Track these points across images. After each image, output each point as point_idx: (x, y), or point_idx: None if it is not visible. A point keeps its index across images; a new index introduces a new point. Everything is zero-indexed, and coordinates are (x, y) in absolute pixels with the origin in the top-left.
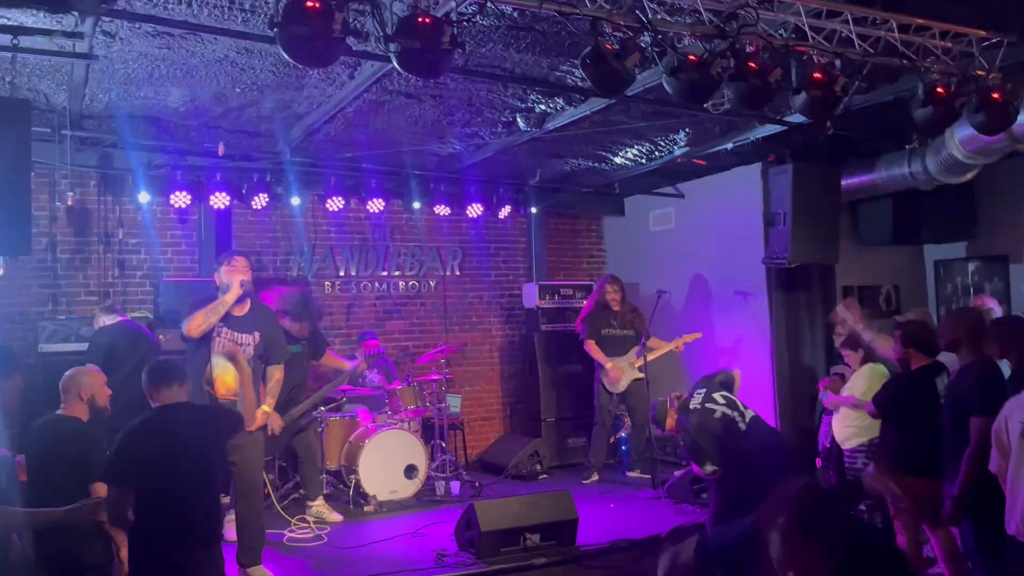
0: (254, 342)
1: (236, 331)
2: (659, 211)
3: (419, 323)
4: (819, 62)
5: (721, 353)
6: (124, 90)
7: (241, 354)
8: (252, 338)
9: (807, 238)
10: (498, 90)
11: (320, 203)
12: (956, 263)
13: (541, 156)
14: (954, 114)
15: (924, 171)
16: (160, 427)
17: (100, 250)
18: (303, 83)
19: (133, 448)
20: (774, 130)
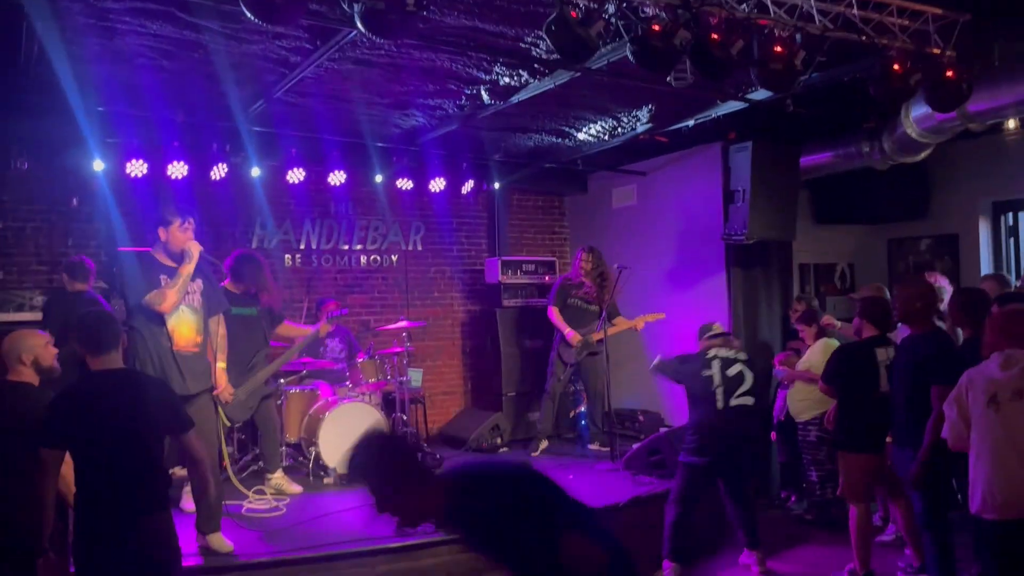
0: (199, 290)
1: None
2: (621, 188)
3: (380, 297)
4: (780, 36)
5: (680, 328)
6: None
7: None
8: (197, 285)
9: (765, 215)
10: (462, 61)
11: (280, 174)
12: (909, 241)
13: (505, 131)
14: (909, 91)
15: (879, 150)
16: (93, 392)
17: (52, 219)
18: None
19: (64, 412)
20: (735, 107)
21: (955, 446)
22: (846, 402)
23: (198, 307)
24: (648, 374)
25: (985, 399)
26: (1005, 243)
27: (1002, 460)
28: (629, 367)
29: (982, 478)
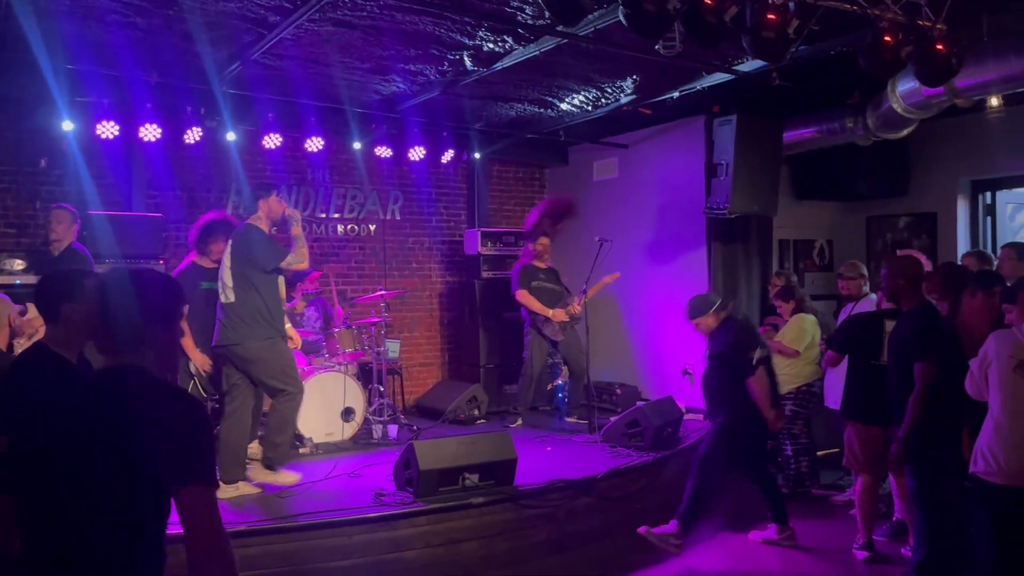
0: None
1: None
2: (602, 161)
3: (357, 267)
4: (773, 3)
5: (659, 301)
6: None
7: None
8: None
9: (748, 189)
10: (445, 25)
11: (256, 139)
12: (887, 219)
13: (486, 100)
14: (899, 63)
15: (863, 126)
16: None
17: (20, 180)
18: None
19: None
20: (720, 79)
21: (975, 396)
22: (850, 371)
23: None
24: (624, 346)
25: (1012, 364)
26: (982, 222)
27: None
28: (606, 340)
29: (997, 441)
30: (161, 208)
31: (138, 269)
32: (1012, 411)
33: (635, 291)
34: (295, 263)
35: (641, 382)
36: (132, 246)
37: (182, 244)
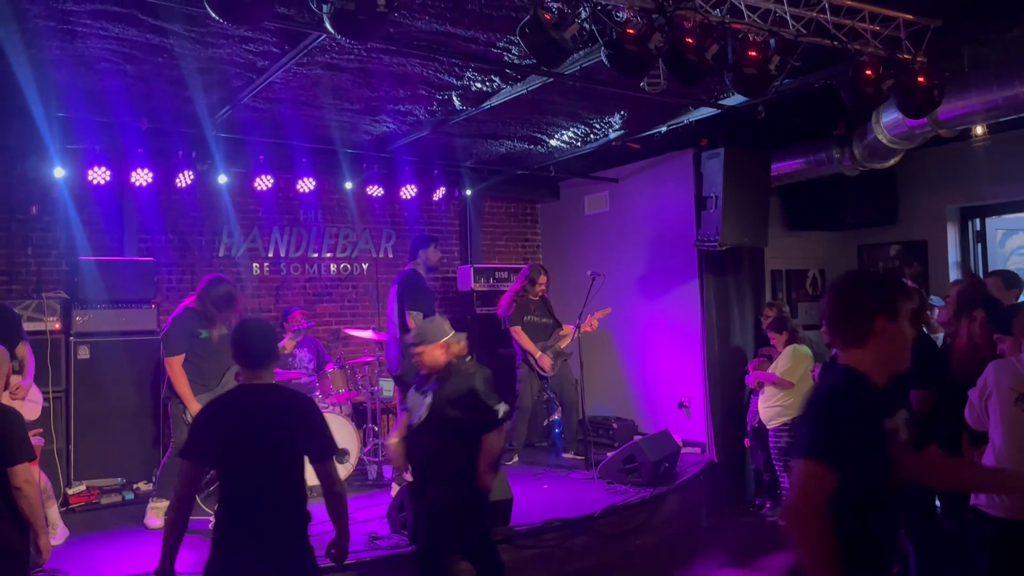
0: None
1: None
2: (593, 195)
3: (350, 306)
4: (754, 40)
5: (653, 335)
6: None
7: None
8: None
9: (738, 221)
10: (433, 66)
11: (248, 181)
12: (878, 247)
13: (476, 138)
14: (881, 96)
15: (850, 156)
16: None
17: (11, 227)
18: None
19: (204, 424)
20: (707, 114)
21: (976, 426)
22: None
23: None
24: (620, 380)
25: (1013, 397)
26: (973, 248)
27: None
28: (601, 373)
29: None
30: (153, 252)
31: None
32: (1013, 444)
33: (629, 324)
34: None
35: (637, 416)
36: (124, 291)
37: (174, 288)
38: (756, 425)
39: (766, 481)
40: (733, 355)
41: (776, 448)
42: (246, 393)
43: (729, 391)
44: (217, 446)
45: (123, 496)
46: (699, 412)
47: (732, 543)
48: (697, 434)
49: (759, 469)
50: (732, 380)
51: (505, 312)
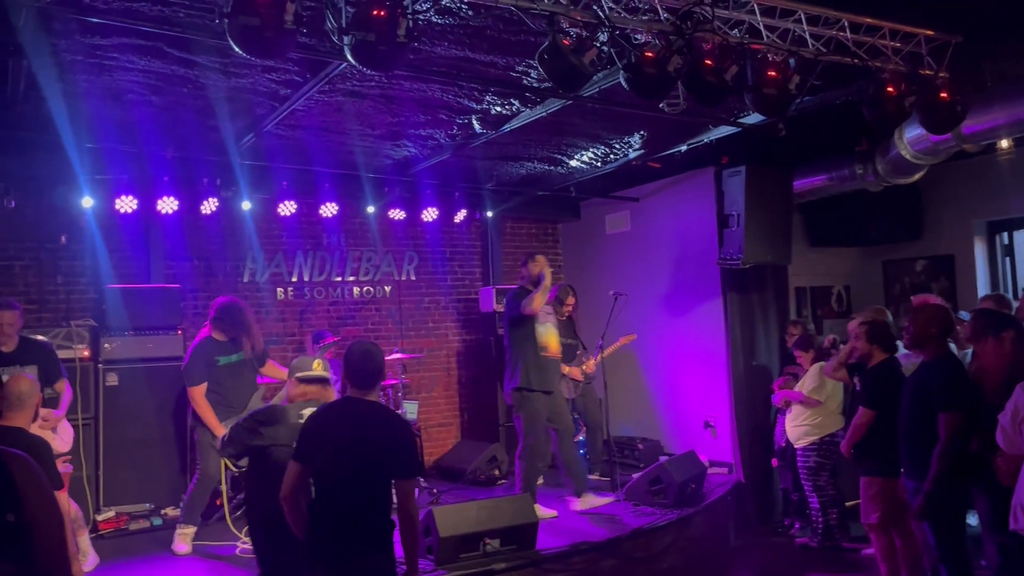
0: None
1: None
2: (614, 214)
3: (374, 329)
4: (774, 60)
5: (677, 354)
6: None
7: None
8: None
9: (760, 239)
10: (453, 91)
11: (272, 207)
12: (904, 263)
13: (496, 160)
14: (904, 113)
15: (873, 172)
16: (338, 416)
17: (41, 256)
18: (254, 84)
19: (313, 430)
20: (727, 132)
21: (1009, 450)
22: (884, 425)
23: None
24: (644, 400)
25: None
26: (1001, 263)
27: None
28: (625, 394)
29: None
30: (178, 279)
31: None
32: None
33: (652, 344)
34: (526, 308)
35: (663, 436)
36: (150, 317)
37: (199, 314)
38: (784, 445)
39: (794, 501)
40: (758, 374)
41: (804, 468)
42: (353, 406)
43: (755, 410)
44: (323, 450)
45: (151, 522)
46: (725, 432)
47: (761, 565)
48: (723, 454)
49: (787, 489)
50: (758, 399)
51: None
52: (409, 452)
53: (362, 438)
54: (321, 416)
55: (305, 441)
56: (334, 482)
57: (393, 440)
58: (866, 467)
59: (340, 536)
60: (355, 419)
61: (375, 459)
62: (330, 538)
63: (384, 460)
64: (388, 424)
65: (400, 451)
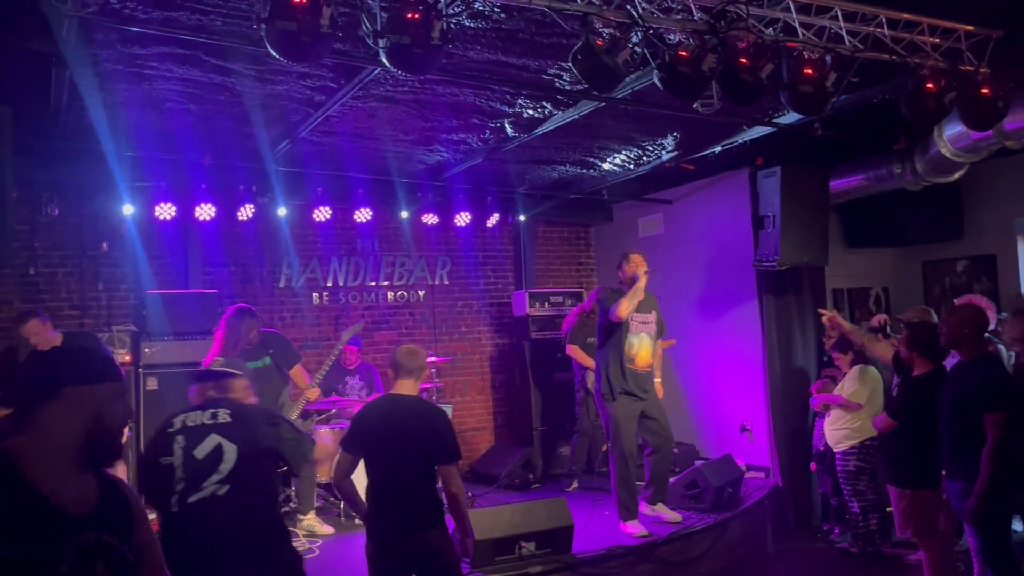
0: (654, 320)
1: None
2: (647, 217)
3: (408, 333)
4: (810, 58)
5: (713, 357)
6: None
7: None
8: (652, 317)
9: (797, 240)
10: (485, 95)
11: (307, 213)
12: (944, 263)
13: (528, 164)
14: (944, 110)
15: (912, 171)
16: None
17: (83, 263)
18: (289, 91)
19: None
20: (762, 132)
21: None
22: (918, 438)
23: (654, 335)
24: (680, 404)
25: None
26: None
27: None
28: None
29: None
30: (216, 284)
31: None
32: None
33: (688, 347)
34: (615, 312)
35: (698, 440)
36: (189, 323)
37: None
38: (822, 448)
39: (833, 506)
40: (796, 377)
41: (844, 472)
42: (394, 401)
43: (792, 414)
44: (368, 441)
45: None
46: (762, 435)
47: (800, 570)
48: (760, 458)
49: (826, 493)
50: (795, 402)
51: (566, 330)
52: (446, 439)
53: (402, 429)
54: (367, 410)
55: (352, 432)
56: (383, 468)
57: (431, 429)
58: (897, 478)
59: (395, 514)
60: (395, 412)
61: (416, 447)
62: (387, 516)
63: (424, 448)
64: (425, 415)
65: (438, 439)
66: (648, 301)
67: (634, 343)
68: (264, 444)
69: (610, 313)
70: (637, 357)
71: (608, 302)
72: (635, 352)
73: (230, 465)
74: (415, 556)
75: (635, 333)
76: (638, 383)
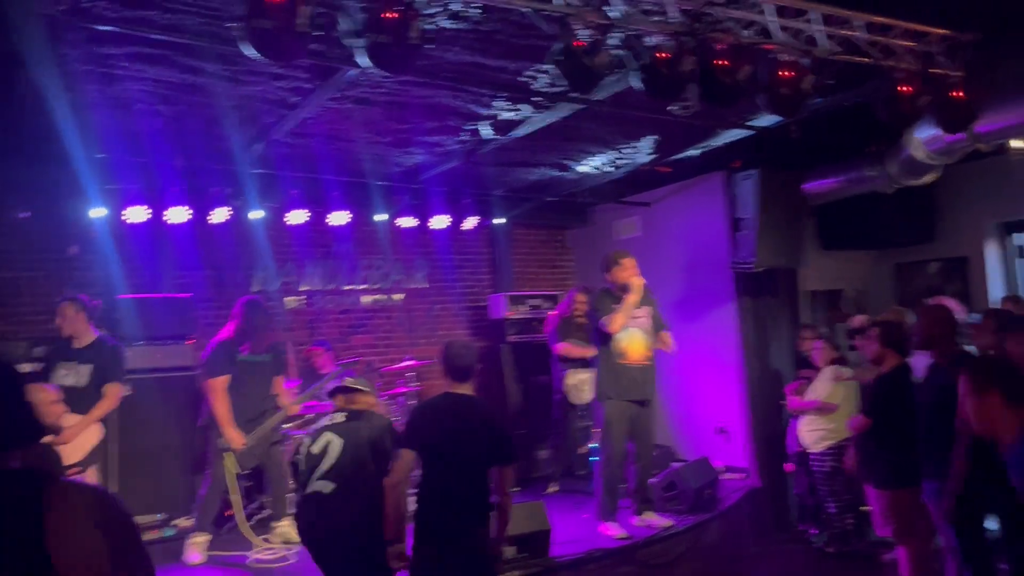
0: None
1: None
2: (624, 220)
3: (385, 337)
4: (787, 60)
5: (690, 359)
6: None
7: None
8: (645, 311)
9: (773, 242)
10: (462, 97)
11: (281, 216)
12: (917, 265)
13: (506, 166)
14: (918, 112)
15: (884, 174)
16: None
17: (51, 268)
18: (263, 92)
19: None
20: (738, 136)
21: None
22: (893, 436)
23: (648, 328)
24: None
25: None
26: (1014, 264)
27: None
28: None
29: None
30: (189, 288)
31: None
32: None
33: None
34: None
35: (674, 442)
36: (162, 327)
37: (211, 323)
38: (797, 449)
39: (810, 507)
40: (772, 378)
41: (820, 472)
42: (451, 400)
43: (770, 415)
44: (427, 439)
45: (163, 533)
46: (739, 437)
47: (778, 571)
48: (737, 459)
49: (802, 494)
50: (771, 403)
51: (550, 332)
52: (504, 440)
53: (459, 428)
54: (424, 409)
55: (410, 431)
56: (439, 468)
57: (489, 429)
58: (875, 478)
59: (448, 515)
60: (453, 411)
61: (473, 447)
62: (437, 516)
63: (481, 448)
64: (483, 415)
65: (496, 440)
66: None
67: (622, 338)
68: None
69: (601, 325)
70: (629, 350)
71: (600, 308)
72: (625, 346)
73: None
74: (462, 559)
75: (624, 329)
76: (632, 378)
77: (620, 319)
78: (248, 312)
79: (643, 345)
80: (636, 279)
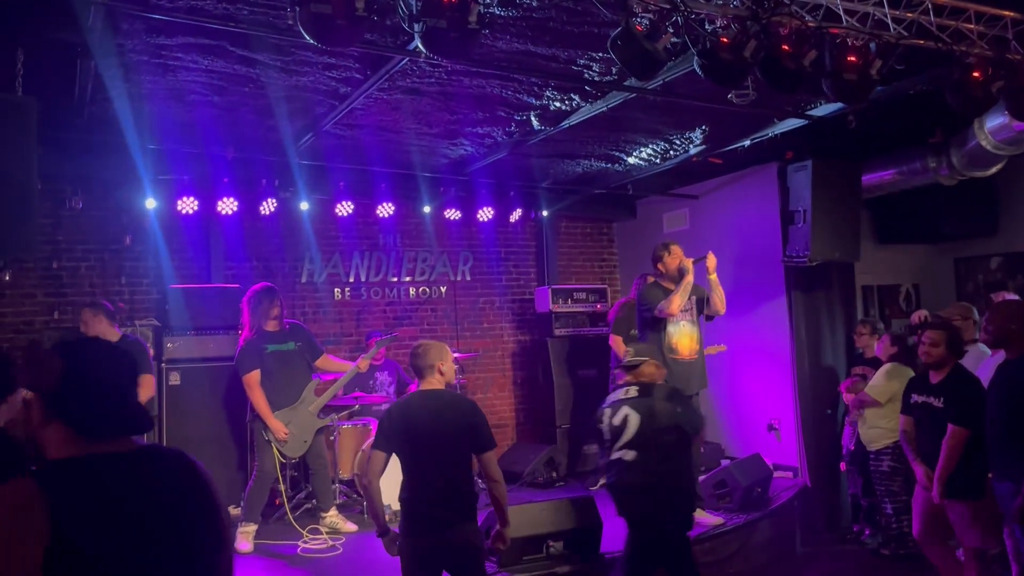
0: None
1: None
2: (673, 213)
3: (429, 329)
4: (853, 44)
5: (740, 355)
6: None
7: None
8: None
9: (827, 235)
10: (512, 87)
11: (329, 207)
12: (977, 260)
13: (553, 158)
14: (991, 99)
15: (947, 165)
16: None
17: (106, 257)
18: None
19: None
20: (792, 126)
21: None
22: (981, 443)
23: (695, 320)
24: (706, 402)
25: None
26: None
27: None
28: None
29: None
30: (238, 279)
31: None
32: None
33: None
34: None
35: (724, 439)
36: (211, 317)
37: None
38: (852, 448)
39: (864, 507)
40: (825, 375)
41: (878, 472)
42: (423, 397)
43: (821, 412)
44: (401, 438)
45: None
46: (790, 435)
47: (829, 572)
48: (788, 458)
49: (856, 494)
50: (824, 401)
51: (612, 320)
52: (480, 428)
53: (434, 422)
54: (397, 409)
55: (383, 432)
56: (418, 463)
57: (464, 419)
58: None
59: (432, 509)
60: (425, 408)
61: (451, 438)
62: (424, 512)
63: (460, 438)
64: (457, 406)
65: (473, 428)
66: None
67: (673, 333)
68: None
69: (659, 311)
70: (679, 346)
71: (650, 298)
72: (675, 342)
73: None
74: (450, 552)
75: (674, 323)
76: (679, 373)
77: (678, 300)
78: (250, 302)
79: (692, 339)
80: (688, 260)
